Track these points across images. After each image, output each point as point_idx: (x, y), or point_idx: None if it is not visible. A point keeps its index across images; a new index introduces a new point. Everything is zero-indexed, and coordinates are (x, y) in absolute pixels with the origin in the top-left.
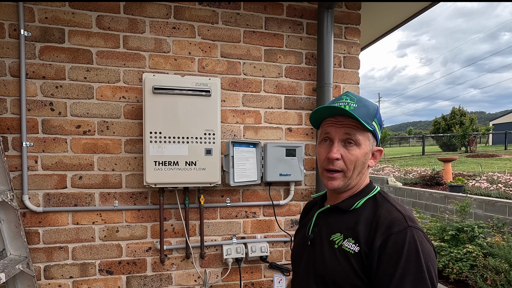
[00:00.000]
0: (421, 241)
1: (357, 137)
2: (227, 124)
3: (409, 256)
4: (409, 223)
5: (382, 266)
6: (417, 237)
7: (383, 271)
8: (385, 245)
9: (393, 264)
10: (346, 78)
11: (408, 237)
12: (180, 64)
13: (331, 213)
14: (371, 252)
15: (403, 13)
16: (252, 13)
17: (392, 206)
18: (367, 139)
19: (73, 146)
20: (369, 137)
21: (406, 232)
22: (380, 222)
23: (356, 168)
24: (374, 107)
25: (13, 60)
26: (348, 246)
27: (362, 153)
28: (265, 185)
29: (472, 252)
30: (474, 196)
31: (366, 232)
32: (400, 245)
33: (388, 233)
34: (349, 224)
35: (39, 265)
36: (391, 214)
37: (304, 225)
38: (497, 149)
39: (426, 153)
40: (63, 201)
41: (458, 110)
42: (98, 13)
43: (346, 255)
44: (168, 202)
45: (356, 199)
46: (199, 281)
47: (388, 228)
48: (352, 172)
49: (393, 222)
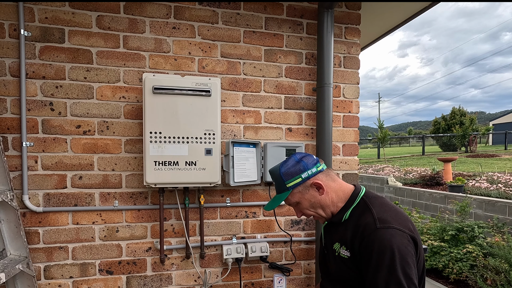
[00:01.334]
0: (389, 239)
1: (292, 201)
2: (227, 124)
3: (378, 255)
4: (378, 225)
5: (363, 265)
6: (385, 236)
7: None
8: (360, 247)
9: (367, 263)
10: (346, 78)
11: (377, 238)
12: (180, 64)
13: (331, 226)
14: (355, 255)
15: (403, 13)
16: (252, 13)
17: (369, 210)
18: (298, 192)
19: (73, 146)
20: (298, 191)
21: (375, 234)
22: (357, 228)
23: (317, 209)
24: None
25: (13, 60)
26: (343, 253)
27: (308, 202)
28: (265, 185)
29: (472, 252)
30: (474, 196)
31: (351, 238)
32: (370, 246)
33: (362, 237)
34: (342, 233)
35: (39, 265)
36: (366, 219)
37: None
38: (497, 149)
39: (426, 153)
40: (63, 201)
41: (458, 110)
42: (98, 13)
43: (343, 259)
44: (168, 202)
45: (343, 213)
46: (199, 281)
47: (361, 233)
48: (318, 211)
49: (365, 227)
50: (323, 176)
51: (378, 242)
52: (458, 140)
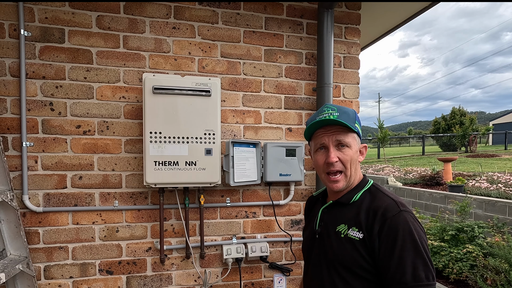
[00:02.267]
0: (412, 221)
1: (347, 140)
2: (227, 124)
3: (404, 236)
4: (401, 208)
5: (383, 247)
6: (408, 219)
7: (384, 251)
8: (383, 229)
9: (392, 244)
10: (346, 78)
11: (401, 220)
12: (180, 64)
13: (334, 207)
14: (371, 237)
15: (403, 13)
16: (252, 13)
17: (385, 195)
18: (355, 139)
19: (73, 146)
20: (355, 138)
21: (399, 216)
22: (376, 210)
23: (352, 166)
24: (353, 112)
25: (13, 60)
26: (353, 234)
27: (354, 152)
28: (265, 185)
29: (472, 252)
30: (474, 196)
31: (366, 220)
32: (395, 227)
33: (383, 218)
34: (351, 215)
35: (39, 265)
36: (385, 202)
37: (310, 221)
38: (497, 149)
39: (426, 153)
40: (63, 201)
41: (458, 110)
42: (98, 13)
43: (352, 242)
44: (168, 202)
45: (353, 193)
46: (199, 281)
47: (383, 215)
48: (350, 170)
49: (387, 209)
50: None
51: (403, 224)
52: (458, 140)
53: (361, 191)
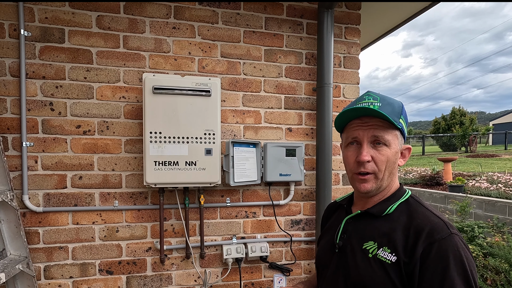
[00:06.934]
0: (464, 248)
1: (386, 137)
2: (227, 124)
3: (455, 265)
4: (451, 230)
5: (428, 275)
6: (460, 245)
7: (428, 281)
8: (429, 253)
9: (441, 273)
10: (346, 78)
11: (453, 245)
12: (180, 64)
13: (361, 218)
14: (412, 261)
15: (403, 13)
16: (252, 13)
17: (429, 211)
18: (396, 138)
19: (73, 146)
20: (397, 136)
21: (450, 240)
22: (420, 229)
23: (387, 169)
24: (399, 104)
25: (13, 60)
26: (384, 256)
27: (393, 153)
28: (265, 185)
29: (472, 252)
30: (474, 196)
31: (403, 239)
32: (445, 253)
33: (430, 241)
34: (382, 231)
35: (39, 265)
36: (430, 221)
37: (329, 230)
38: (497, 149)
39: (426, 153)
40: (63, 201)
41: (458, 110)
42: (98, 13)
43: (383, 264)
44: (168, 202)
45: (388, 203)
46: (199, 281)
47: (429, 235)
48: (383, 173)
49: (434, 229)
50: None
51: (454, 250)
52: (458, 140)
53: (396, 202)
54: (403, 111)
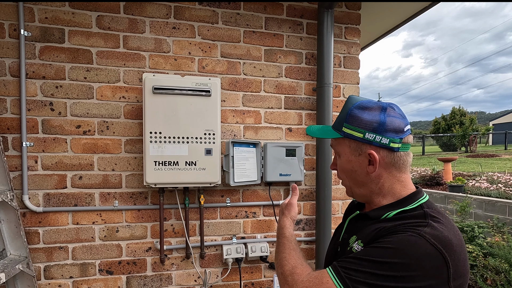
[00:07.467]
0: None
1: (336, 148)
2: (227, 124)
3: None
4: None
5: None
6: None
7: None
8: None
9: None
10: (346, 78)
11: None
12: (180, 64)
13: (360, 219)
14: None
15: (403, 13)
16: (252, 13)
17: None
18: (346, 147)
19: (73, 146)
20: (346, 144)
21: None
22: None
23: (348, 177)
24: (347, 109)
25: (13, 60)
26: (356, 248)
27: (344, 162)
28: (265, 185)
29: (472, 252)
30: (474, 196)
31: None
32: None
33: (391, 231)
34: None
35: (39, 265)
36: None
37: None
38: (497, 149)
39: (426, 153)
40: (63, 201)
41: (458, 110)
42: (98, 13)
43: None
44: (168, 202)
45: (388, 209)
46: (199, 281)
47: (392, 232)
48: (347, 181)
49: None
50: (390, 156)
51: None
52: (458, 140)
53: (397, 209)
54: (348, 118)
